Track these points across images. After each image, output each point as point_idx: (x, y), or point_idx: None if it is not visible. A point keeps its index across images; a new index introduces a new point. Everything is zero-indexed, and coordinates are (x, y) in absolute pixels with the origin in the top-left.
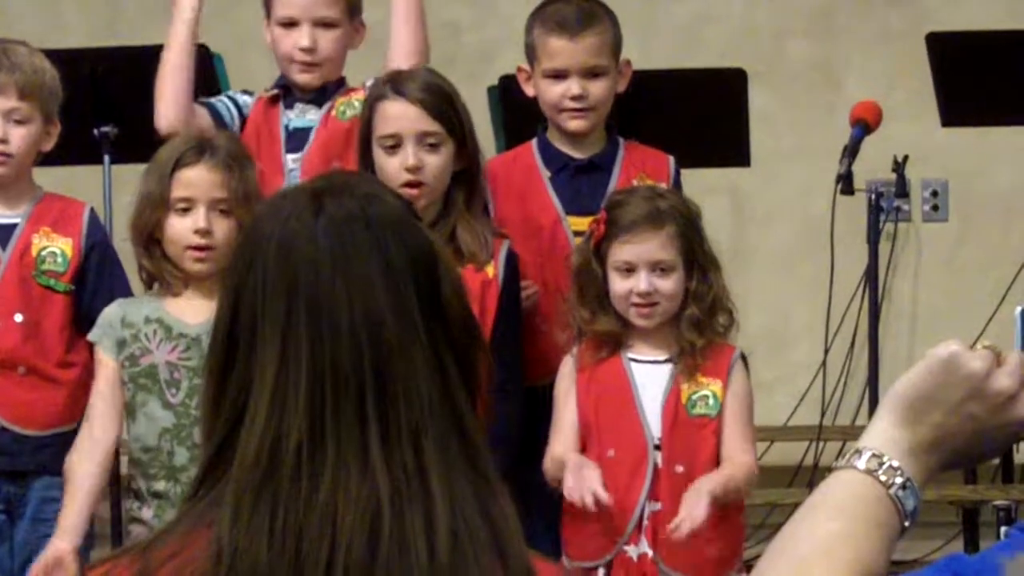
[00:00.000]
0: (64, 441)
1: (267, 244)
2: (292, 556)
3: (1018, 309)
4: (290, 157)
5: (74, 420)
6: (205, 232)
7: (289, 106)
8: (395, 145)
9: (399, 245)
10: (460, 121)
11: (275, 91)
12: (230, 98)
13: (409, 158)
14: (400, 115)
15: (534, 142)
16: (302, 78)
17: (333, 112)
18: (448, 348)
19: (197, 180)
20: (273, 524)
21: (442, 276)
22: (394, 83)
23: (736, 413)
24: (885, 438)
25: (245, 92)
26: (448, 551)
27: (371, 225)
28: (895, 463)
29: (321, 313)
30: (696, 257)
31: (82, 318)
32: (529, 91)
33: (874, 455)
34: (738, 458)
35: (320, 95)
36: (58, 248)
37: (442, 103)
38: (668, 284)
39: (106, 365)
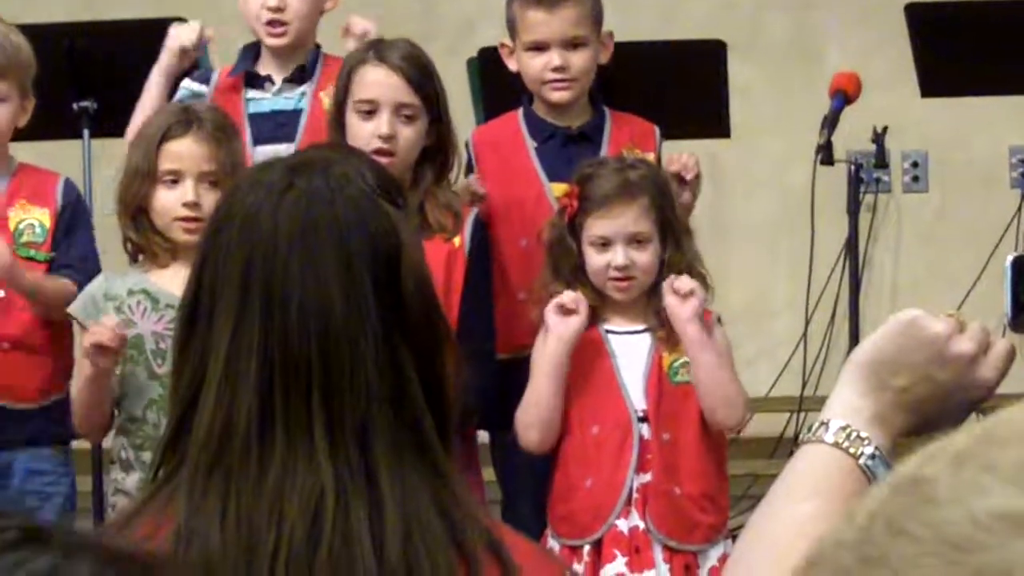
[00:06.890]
0: (54, 410)
1: (235, 214)
2: (244, 540)
3: (1008, 258)
4: (259, 149)
5: (64, 389)
6: (194, 205)
7: (259, 86)
8: (371, 111)
9: (361, 231)
10: (437, 97)
11: (237, 74)
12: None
13: (383, 126)
14: (380, 81)
15: (519, 112)
16: (272, 41)
17: (323, 97)
18: (404, 341)
19: (185, 153)
20: (225, 507)
21: (404, 267)
22: (377, 49)
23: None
24: (849, 407)
25: (202, 80)
26: (399, 549)
27: (335, 207)
28: (862, 433)
29: (273, 292)
30: (670, 226)
31: (54, 270)
32: (512, 66)
33: (841, 427)
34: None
35: (299, 73)
36: (35, 219)
37: (422, 76)
38: (645, 256)
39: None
